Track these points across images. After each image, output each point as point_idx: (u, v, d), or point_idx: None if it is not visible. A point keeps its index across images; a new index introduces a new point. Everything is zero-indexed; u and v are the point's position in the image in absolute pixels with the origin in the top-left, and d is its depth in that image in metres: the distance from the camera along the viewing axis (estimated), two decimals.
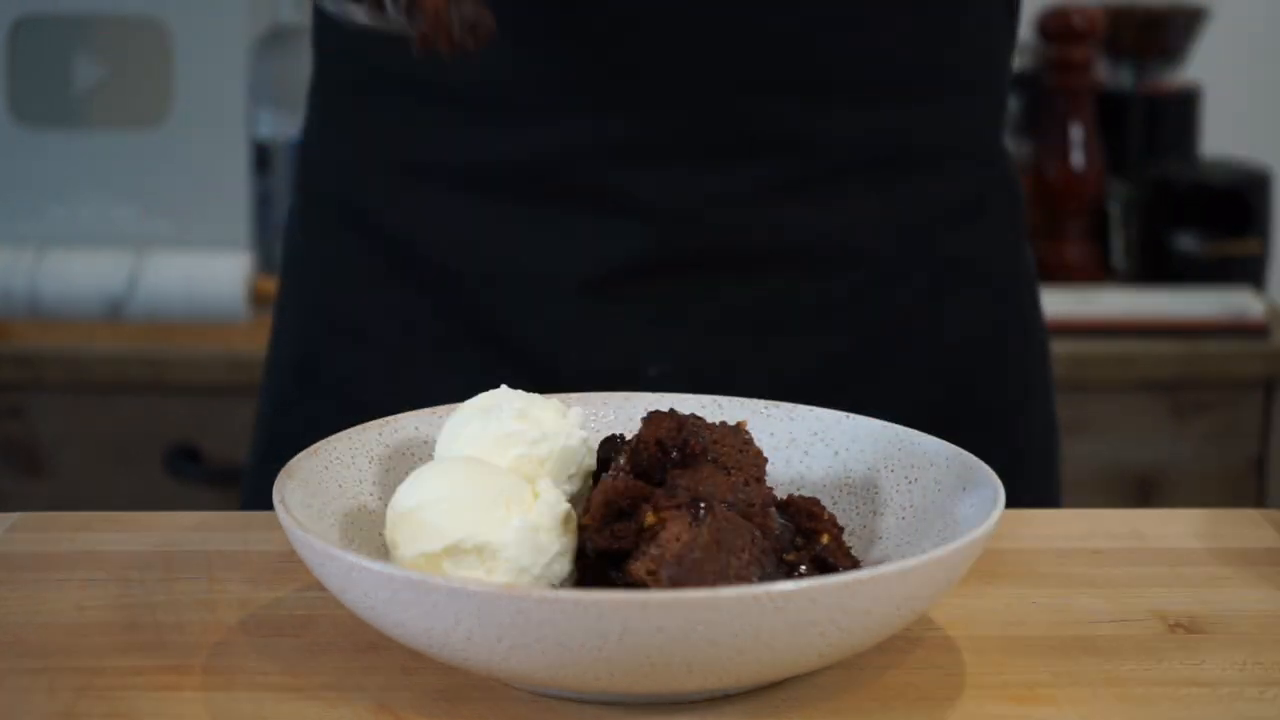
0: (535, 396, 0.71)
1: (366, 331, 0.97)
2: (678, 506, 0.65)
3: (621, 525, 0.65)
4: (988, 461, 0.70)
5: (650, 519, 0.65)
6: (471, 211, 0.92)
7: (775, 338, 0.93)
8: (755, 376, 0.91)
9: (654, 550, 0.63)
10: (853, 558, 0.69)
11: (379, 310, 0.96)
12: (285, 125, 1.87)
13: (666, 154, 0.89)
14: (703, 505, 0.64)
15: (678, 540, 0.63)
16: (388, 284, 0.95)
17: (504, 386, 0.71)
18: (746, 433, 0.69)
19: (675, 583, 0.62)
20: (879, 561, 0.69)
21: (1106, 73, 2.17)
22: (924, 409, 0.92)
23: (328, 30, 0.97)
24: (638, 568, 0.62)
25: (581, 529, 0.66)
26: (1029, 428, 1.01)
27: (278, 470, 0.67)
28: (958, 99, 0.94)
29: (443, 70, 0.81)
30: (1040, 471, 1.01)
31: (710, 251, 0.91)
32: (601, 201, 0.90)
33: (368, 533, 0.71)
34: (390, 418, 0.75)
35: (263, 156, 1.89)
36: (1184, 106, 2.12)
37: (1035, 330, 1.02)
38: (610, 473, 0.67)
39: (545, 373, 0.86)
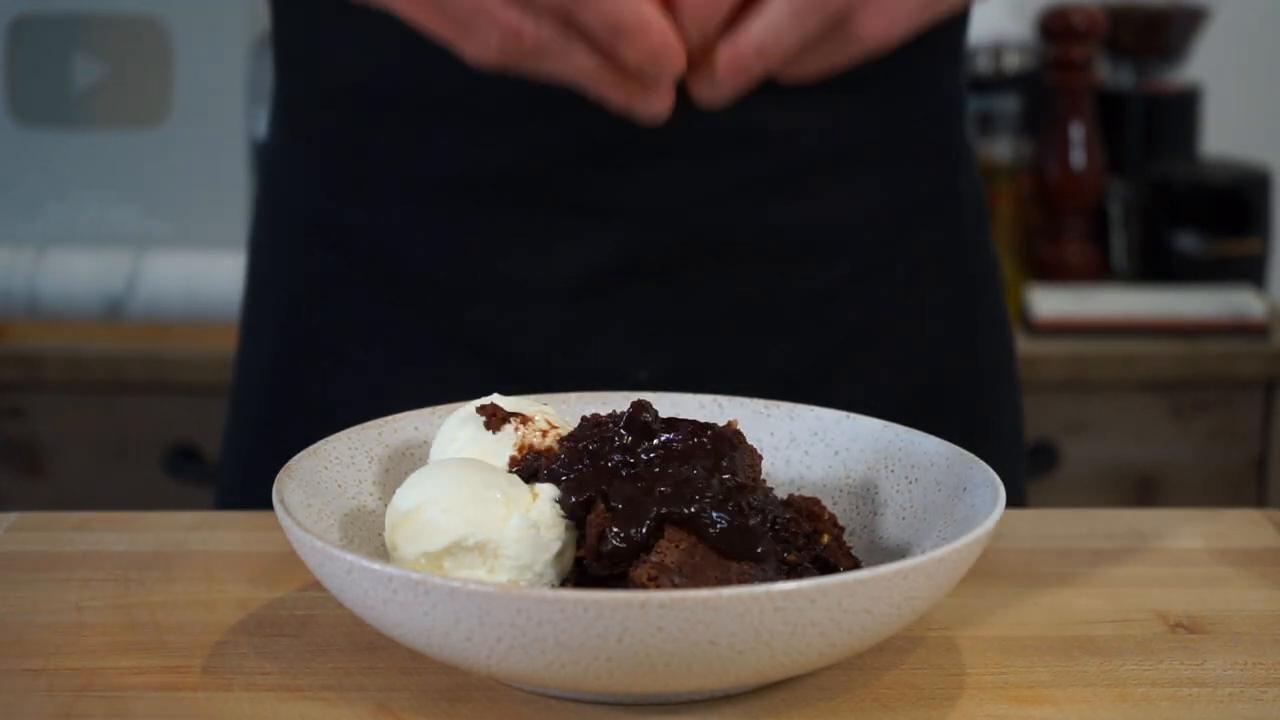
0: (531, 398, 0.71)
1: (350, 353, 0.96)
2: None
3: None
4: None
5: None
6: (449, 222, 0.92)
7: (761, 335, 0.93)
8: (744, 374, 0.91)
9: (654, 557, 0.62)
10: (853, 558, 0.69)
11: (361, 329, 0.95)
12: None
13: (640, 156, 0.89)
14: None
15: (678, 546, 0.63)
16: (368, 301, 0.94)
17: (495, 395, 0.71)
18: (739, 432, 0.68)
19: (677, 588, 0.62)
20: (879, 561, 0.69)
21: (1106, 73, 2.17)
22: (904, 401, 0.93)
23: (292, 39, 0.95)
24: (640, 574, 0.62)
25: (579, 560, 0.65)
26: (1001, 419, 1.02)
27: (258, 498, 0.66)
28: (915, 93, 0.95)
29: (411, 81, 0.80)
30: (1011, 463, 1.02)
31: (692, 251, 0.91)
32: (579, 206, 0.90)
33: (368, 533, 0.70)
34: (390, 417, 0.75)
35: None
36: (1184, 106, 2.12)
37: (1002, 321, 1.03)
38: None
39: (533, 382, 0.85)
